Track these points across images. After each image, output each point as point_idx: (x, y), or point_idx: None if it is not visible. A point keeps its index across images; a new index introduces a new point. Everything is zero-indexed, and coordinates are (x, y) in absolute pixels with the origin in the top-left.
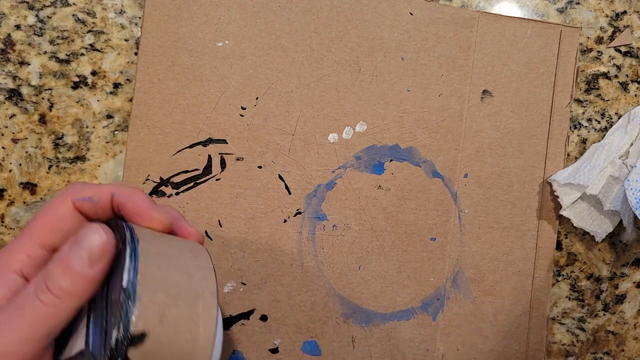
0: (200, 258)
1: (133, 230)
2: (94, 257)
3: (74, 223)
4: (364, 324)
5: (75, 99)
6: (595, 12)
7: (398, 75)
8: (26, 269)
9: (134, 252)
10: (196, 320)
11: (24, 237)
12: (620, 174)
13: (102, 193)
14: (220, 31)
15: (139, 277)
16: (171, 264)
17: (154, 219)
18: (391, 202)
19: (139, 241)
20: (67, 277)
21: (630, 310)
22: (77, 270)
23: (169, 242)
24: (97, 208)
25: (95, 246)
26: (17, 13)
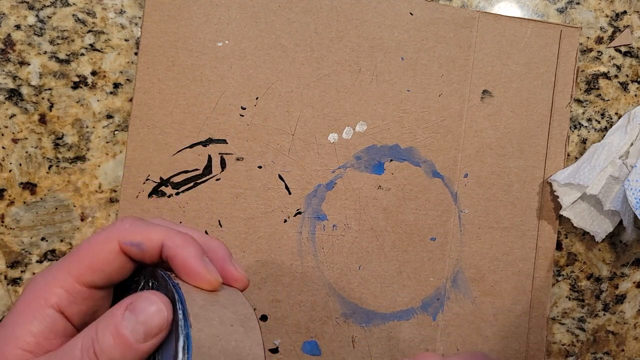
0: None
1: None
2: (151, 333)
3: (119, 265)
4: (364, 324)
5: (75, 99)
6: (595, 12)
7: (398, 75)
8: (64, 305)
9: (187, 340)
10: None
11: (62, 271)
12: (620, 174)
13: (151, 241)
14: (220, 31)
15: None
16: (222, 350)
17: (204, 280)
18: (391, 202)
19: (192, 324)
20: (119, 348)
21: (630, 310)
22: (130, 343)
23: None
24: (145, 255)
25: (154, 322)
26: (17, 13)
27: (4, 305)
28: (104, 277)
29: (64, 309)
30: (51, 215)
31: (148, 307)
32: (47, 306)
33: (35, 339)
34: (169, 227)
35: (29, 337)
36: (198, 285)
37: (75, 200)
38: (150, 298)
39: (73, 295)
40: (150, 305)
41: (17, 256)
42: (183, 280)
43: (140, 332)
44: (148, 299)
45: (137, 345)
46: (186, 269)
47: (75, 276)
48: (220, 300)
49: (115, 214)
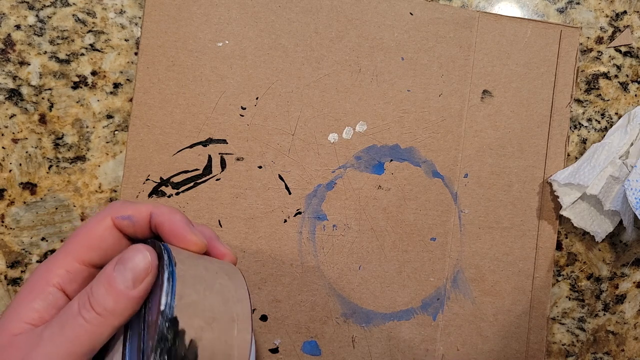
0: (235, 281)
1: (171, 252)
2: (139, 278)
3: (113, 241)
4: (364, 324)
5: (75, 99)
6: (595, 12)
7: (398, 75)
8: (65, 283)
9: (172, 276)
10: (231, 344)
11: (62, 253)
12: (620, 174)
13: (141, 212)
14: (220, 31)
15: (177, 300)
16: (207, 287)
17: (190, 241)
18: (391, 202)
19: (177, 264)
20: (111, 296)
21: (631, 310)
22: (121, 290)
23: (204, 265)
24: (136, 227)
25: (140, 267)
26: (17, 13)
27: (4, 306)
28: (100, 254)
29: (65, 288)
30: (51, 215)
31: (134, 256)
32: (49, 285)
33: (38, 314)
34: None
35: (32, 312)
36: (186, 247)
37: (75, 200)
38: (136, 247)
39: (73, 274)
40: (135, 253)
41: (17, 256)
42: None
43: (128, 278)
44: (134, 248)
45: (128, 291)
46: (173, 232)
47: (74, 256)
48: (206, 259)
49: None
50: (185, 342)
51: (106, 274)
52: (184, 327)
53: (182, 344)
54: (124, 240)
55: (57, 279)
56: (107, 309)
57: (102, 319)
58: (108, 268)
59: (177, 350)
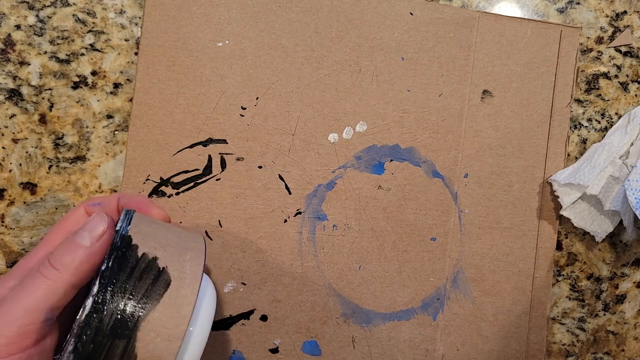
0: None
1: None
2: (95, 235)
3: None
4: (364, 324)
5: (75, 99)
6: (595, 12)
7: (398, 75)
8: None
9: (128, 214)
10: (183, 263)
11: (43, 242)
12: (620, 174)
13: (109, 198)
14: (220, 31)
15: (132, 227)
16: (164, 228)
17: (153, 212)
18: (391, 202)
19: (135, 212)
20: (69, 253)
21: (631, 310)
22: (78, 246)
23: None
24: (106, 211)
25: (97, 226)
26: (17, 13)
27: None
28: None
29: None
30: (51, 215)
31: (92, 218)
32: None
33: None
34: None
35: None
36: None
37: (76, 200)
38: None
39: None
40: (94, 217)
41: (17, 256)
42: None
43: (86, 236)
44: (93, 215)
45: (85, 247)
46: (140, 207)
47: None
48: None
49: None
50: (138, 253)
51: (67, 238)
52: (137, 243)
53: (134, 254)
54: None
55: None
56: (65, 264)
57: (59, 274)
58: (70, 235)
59: (129, 258)
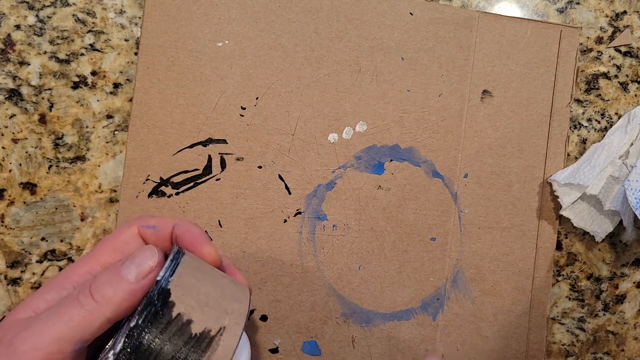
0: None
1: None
2: (143, 272)
3: (135, 247)
4: (364, 324)
5: (75, 99)
6: (595, 12)
7: (398, 75)
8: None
9: (177, 257)
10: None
11: (89, 255)
12: (620, 174)
13: (164, 223)
14: (220, 31)
15: (174, 277)
16: (208, 280)
17: (206, 252)
18: (391, 202)
19: (184, 254)
20: (112, 285)
21: (630, 310)
22: (123, 281)
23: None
24: (158, 236)
25: (147, 262)
26: (17, 13)
27: (4, 306)
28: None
29: None
30: (51, 215)
31: (142, 251)
32: (68, 282)
33: (46, 305)
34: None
35: (42, 302)
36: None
37: (75, 200)
38: (146, 246)
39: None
40: (144, 249)
41: (17, 256)
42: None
43: (133, 270)
44: (144, 247)
45: (129, 284)
46: (192, 242)
47: (97, 258)
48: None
49: (115, 214)
50: (172, 313)
51: (113, 267)
52: (174, 300)
53: (168, 313)
54: None
55: (77, 278)
56: (105, 297)
57: (97, 305)
58: (116, 264)
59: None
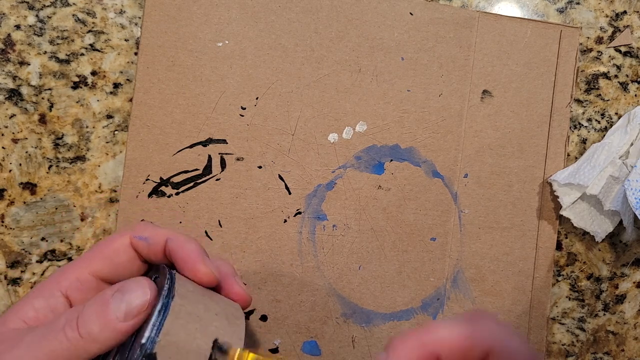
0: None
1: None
2: (131, 313)
3: (127, 258)
4: (364, 324)
5: (75, 99)
6: (595, 12)
7: (398, 75)
8: (71, 291)
9: (165, 309)
10: None
11: (79, 261)
12: (620, 174)
13: (158, 236)
14: (220, 31)
15: (161, 336)
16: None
17: (200, 272)
18: (391, 202)
19: (174, 297)
20: (99, 323)
21: (631, 310)
22: (110, 319)
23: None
24: (150, 249)
25: (137, 303)
26: (17, 13)
27: (4, 306)
28: (112, 268)
29: (70, 295)
30: (51, 215)
31: (134, 288)
32: (56, 289)
33: (35, 314)
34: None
35: (31, 311)
36: (194, 278)
37: (75, 200)
38: (139, 281)
39: (82, 283)
40: (137, 287)
41: (17, 256)
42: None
43: (122, 310)
44: (138, 282)
45: (117, 322)
46: (185, 260)
47: (87, 266)
48: (213, 297)
49: (115, 214)
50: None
51: (102, 298)
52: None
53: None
54: (137, 262)
55: (66, 283)
56: (91, 334)
57: (82, 342)
58: (107, 293)
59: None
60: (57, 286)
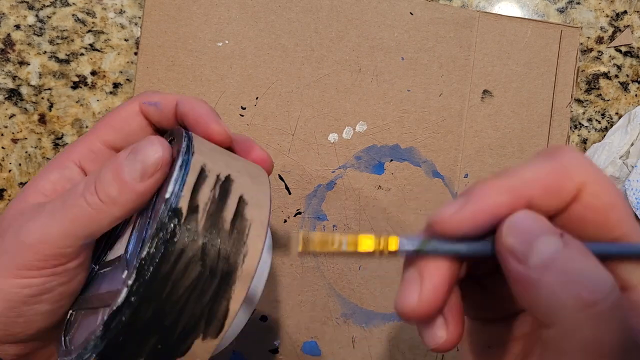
0: (258, 184)
1: (192, 141)
2: (147, 172)
3: (138, 126)
4: (364, 324)
5: (75, 99)
6: (595, 12)
7: (398, 75)
8: (84, 161)
9: (186, 164)
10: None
11: (90, 133)
12: (620, 174)
13: (167, 100)
14: (220, 31)
15: (185, 190)
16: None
17: (213, 130)
18: (391, 203)
19: (194, 154)
20: (116, 185)
21: None
22: (127, 181)
23: (226, 161)
24: (162, 114)
25: (151, 161)
26: (17, 13)
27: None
28: (123, 137)
29: (84, 165)
30: None
31: (146, 147)
32: (69, 160)
33: (52, 185)
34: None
35: (48, 183)
36: (208, 137)
37: None
38: (151, 139)
39: (95, 154)
40: (149, 145)
41: None
42: (196, 134)
43: (137, 170)
44: (149, 140)
45: (134, 184)
46: (197, 120)
47: (98, 136)
48: (232, 156)
49: None
50: (185, 241)
51: (116, 161)
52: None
53: (182, 238)
54: (149, 129)
55: (77, 155)
56: (110, 197)
57: (103, 205)
58: (121, 155)
59: (176, 244)
60: (69, 158)
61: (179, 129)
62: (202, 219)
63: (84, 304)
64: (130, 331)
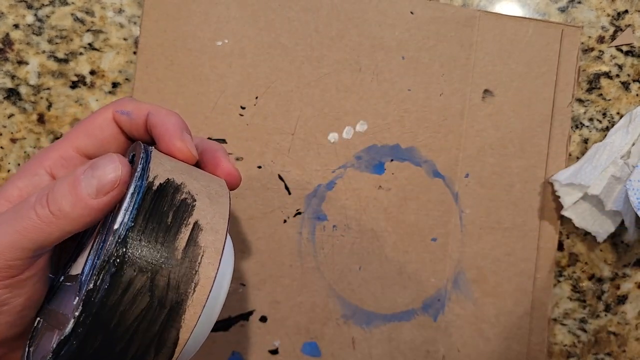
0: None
1: (149, 163)
2: (103, 189)
3: (110, 134)
4: (364, 325)
5: (74, 99)
6: (596, 11)
7: (399, 74)
8: (56, 168)
9: (138, 192)
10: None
11: (63, 139)
12: (622, 174)
13: (140, 110)
14: (220, 30)
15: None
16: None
17: (175, 147)
18: (392, 203)
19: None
20: (70, 199)
21: (632, 311)
22: (82, 196)
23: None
24: (133, 124)
25: (107, 179)
26: (16, 12)
27: None
28: (95, 144)
29: (55, 172)
30: None
31: (105, 164)
32: (39, 167)
33: (19, 192)
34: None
35: (15, 190)
36: (171, 154)
37: None
38: (111, 157)
39: (66, 160)
40: (108, 162)
41: None
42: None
43: (93, 186)
44: (110, 157)
45: (88, 199)
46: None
47: (70, 142)
48: (193, 174)
49: None
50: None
51: (73, 175)
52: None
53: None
54: (122, 137)
55: (49, 162)
56: (62, 211)
57: (53, 219)
58: (78, 170)
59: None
60: (40, 165)
61: (139, 145)
62: (151, 249)
63: (48, 316)
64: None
